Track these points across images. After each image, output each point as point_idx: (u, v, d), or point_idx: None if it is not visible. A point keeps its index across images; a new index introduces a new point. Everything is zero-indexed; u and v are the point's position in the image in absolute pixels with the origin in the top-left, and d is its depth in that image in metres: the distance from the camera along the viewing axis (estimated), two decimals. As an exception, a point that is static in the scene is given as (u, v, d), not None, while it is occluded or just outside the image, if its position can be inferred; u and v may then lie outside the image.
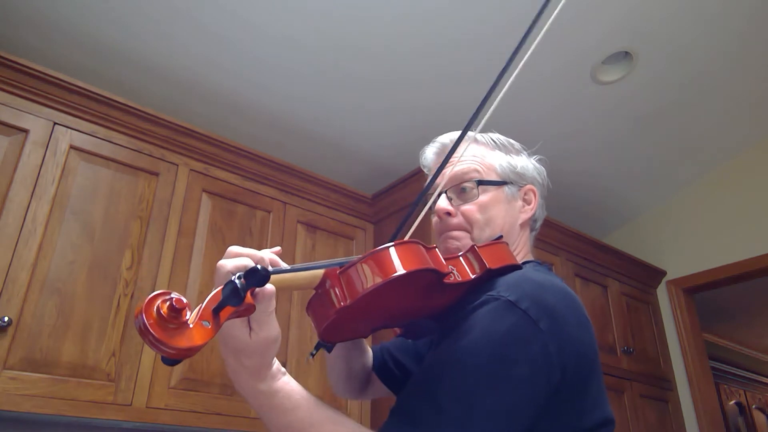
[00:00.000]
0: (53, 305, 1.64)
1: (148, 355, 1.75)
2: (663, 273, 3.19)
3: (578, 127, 2.69)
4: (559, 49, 2.26)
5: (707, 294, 3.23)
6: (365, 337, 0.79)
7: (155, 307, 0.51)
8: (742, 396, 5.31)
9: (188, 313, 0.53)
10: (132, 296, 1.78)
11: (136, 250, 1.84)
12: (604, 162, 2.93)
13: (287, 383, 0.67)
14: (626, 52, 2.34)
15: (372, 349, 1.06)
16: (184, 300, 0.52)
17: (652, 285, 3.19)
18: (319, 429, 0.65)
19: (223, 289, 0.55)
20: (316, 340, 2.18)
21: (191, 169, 2.06)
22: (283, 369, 0.69)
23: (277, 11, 1.99)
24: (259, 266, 0.56)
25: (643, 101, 2.59)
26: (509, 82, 0.86)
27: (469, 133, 0.98)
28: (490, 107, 0.84)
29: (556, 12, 0.91)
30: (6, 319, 1.53)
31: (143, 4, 1.92)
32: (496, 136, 1.00)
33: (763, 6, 2.23)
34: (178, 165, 2.03)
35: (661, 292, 3.19)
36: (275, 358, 0.68)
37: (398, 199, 2.45)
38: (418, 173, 2.35)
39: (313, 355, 0.72)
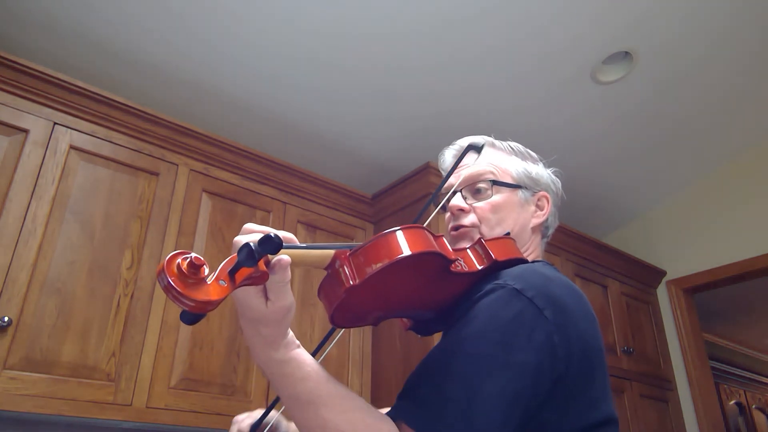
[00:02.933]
0: (53, 305, 1.64)
1: (148, 355, 1.75)
2: (663, 273, 3.19)
3: (578, 127, 2.69)
4: (559, 49, 2.26)
5: (707, 294, 3.23)
6: (375, 326, 0.81)
7: (176, 264, 0.54)
8: (742, 396, 5.31)
9: (206, 270, 0.56)
10: (132, 296, 1.78)
11: (136, 250, 1.84)
12: (604, 162, 2.93)
13: (300, 354, 0.69)
14: (626, 52, 2.34)
15: None
16: (202, 258, 0.56)
17: (652, 285, 3.19)
18: (327, 401, 0.67)
19: (238, 252, 0.57)
20: (316, 336, 2.18)
21: (191, 169, 2.06)
22: (298, 342, 0.71)
23: (278, 12, 1.99)
24: (272, 234, 0.58)
25: (644, 101, 2.59)
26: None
27: (485, 138, 1.02)
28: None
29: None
30: (6, 319, 1.53)
31: (143, 4, 1.92)
32: (513, 144, 1.03)
33: (763, 6, 2.23)
34: (178, 165, 2.03)
35: (661, 292, 3.19)
36: (290, 330, 0.70)
37: (398, 199, 2.45)
38: (418, 173, 2.35)
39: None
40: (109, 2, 1.90)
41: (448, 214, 0.98)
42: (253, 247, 0.57)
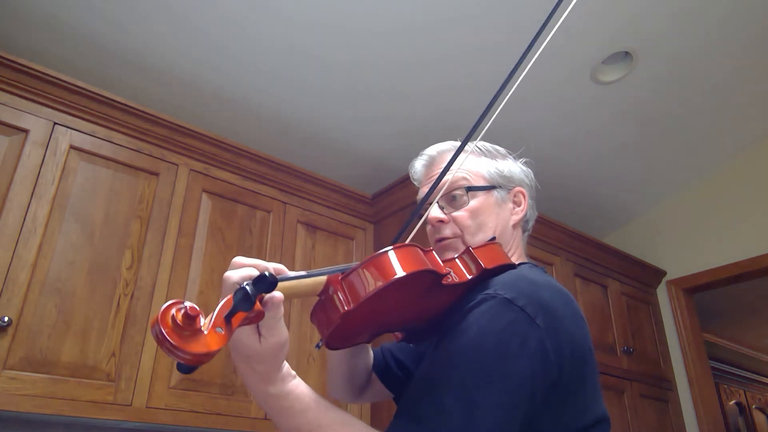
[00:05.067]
0: (53, 305, 1.64)
1: (148, 355, 1.75)
2: (663, 273, 3.19)
3: (578, 127, 2.69)
4: (559, 49, 2.26)
5: (707, 294, 3.23)
6: (368, 343, 0.81)
7: (170, 316, 0.53)
8: (742, 396, 5.31)
9: (202, 320, 0.55)
10: (132, 296, 1.79)
11: (136, 250, 1.84)
12: (603, 162, 2.93)
13: (297, 386, 0.69)
14: (626, 52, 2.34)
15: (373, 350, 1.07)
16: (197, 308, 0.54)
17: (652, 285, 3.18)
18: (328, 431, 0.67)
19: (234, 295, 0.56)
20: (316, 338, 2.18)
21: (191, 169, 2.06)
22: (293, 372, 0.70)
23: (278, 11, 1.99)
24: (266, 273, 0.57)
25: (643, 101, 2.59)
26: (509, 94, 0.87)
27: (453, 143, 1.00)
28: (490, 118, 0.86)
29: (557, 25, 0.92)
30: (6, 319, 1.53)
31: (143, 4, 1.92)
32: (481, 143, 1.02)
33: (762, 6, 2.23)
34: (178, 165, 2.03)
35: (661, 292, 3.19)
36: (285, 362, 0.69)
37: (398, 199, 2.45)
38: (418, 173, 2.34)
39: (318, 346, 0.74)
40: (109, 2, 1.90)
41: (429, 227, 0.97)
42: (249, 290, 0.56)
